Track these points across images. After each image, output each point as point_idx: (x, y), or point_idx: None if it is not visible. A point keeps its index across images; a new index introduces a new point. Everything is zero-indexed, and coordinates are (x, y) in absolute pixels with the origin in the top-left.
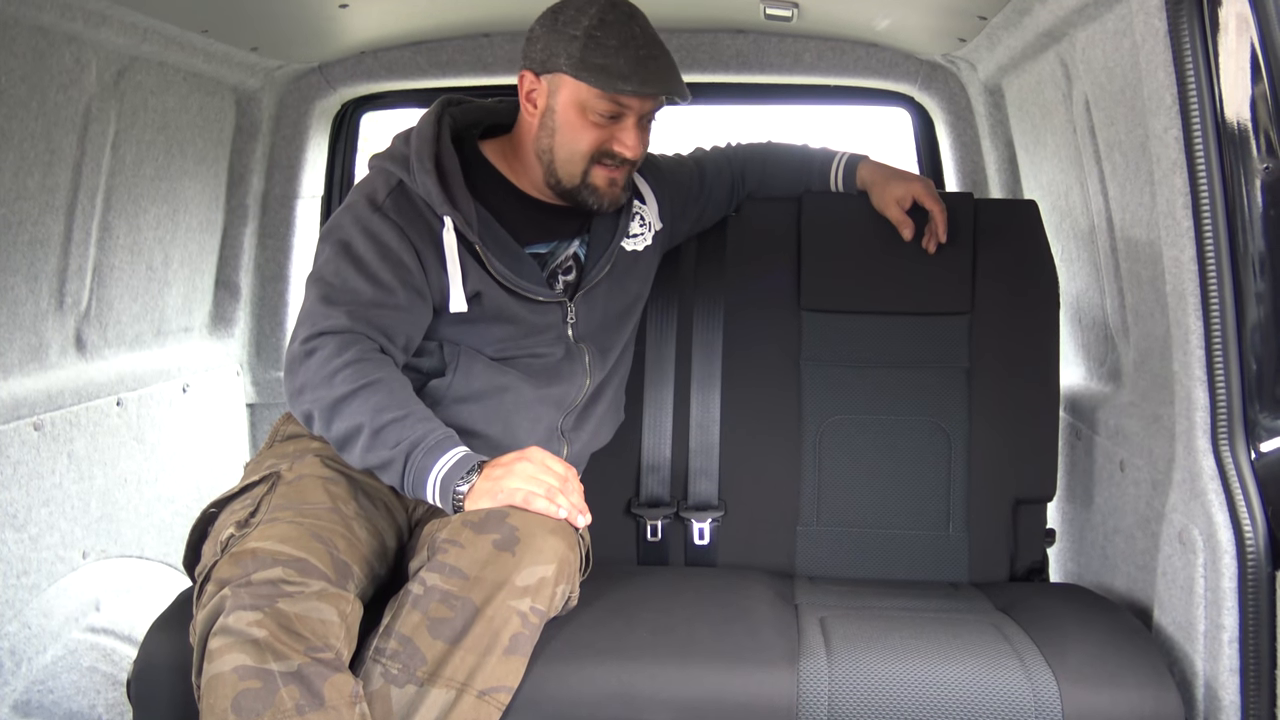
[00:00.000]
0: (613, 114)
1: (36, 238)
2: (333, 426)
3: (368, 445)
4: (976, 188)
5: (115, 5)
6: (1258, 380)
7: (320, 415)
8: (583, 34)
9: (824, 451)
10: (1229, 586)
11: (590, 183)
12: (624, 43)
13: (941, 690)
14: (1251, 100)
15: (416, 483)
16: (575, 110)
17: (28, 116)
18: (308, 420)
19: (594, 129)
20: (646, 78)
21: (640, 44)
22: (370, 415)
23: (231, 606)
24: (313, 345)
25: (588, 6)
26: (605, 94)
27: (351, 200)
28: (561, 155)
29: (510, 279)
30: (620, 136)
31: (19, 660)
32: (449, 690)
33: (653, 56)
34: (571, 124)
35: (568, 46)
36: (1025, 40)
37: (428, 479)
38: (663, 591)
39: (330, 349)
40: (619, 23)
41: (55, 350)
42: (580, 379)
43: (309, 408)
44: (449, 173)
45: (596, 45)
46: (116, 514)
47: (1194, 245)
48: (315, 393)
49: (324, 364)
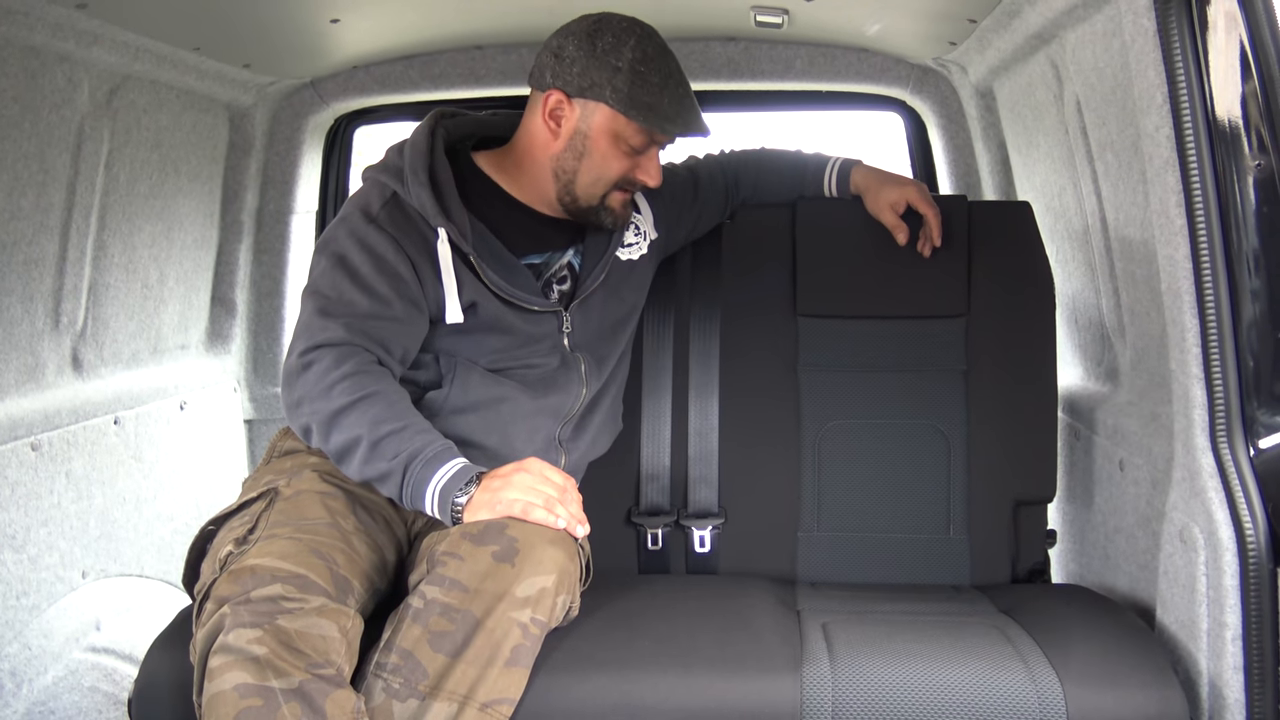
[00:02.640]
0: (642, 146)
1: (31, 258)
2: (331, 439)
3: (365, 458)
4: (970, 190)
5: (107, 24)
6: (1255, 377)
7: (318, 428)
8: (627, 68)
9: (823, 457)
10: (1231, 584)
11: (608, 205)
12: (665, 80)
13: (945, 694)
14: (1242, 98)
15: (415, 495)
16: (609, 139)
17: (21, 137)
18: (306, 433)
19: (624, 158)
20: (689, 119)
21: (678, 81)
22: (368, 428)
23: (231, 624)
24: (310, 358)
25: (626, 36)
26: (647, 130)
27: (346, 213)
28: (586, 179)
29: (505, 289)
30: (646, 166)
31: (20, 681)
32: (451, 704)
33: (687, 94)
34: (604, 152)
35: (613, 79)
36: (1015, 42)
37: (426, 491)
38: (664, 600)
39: (328, 361)
40: (659, 57)
41: (52, 370)
42: (577, 388)
43: (307, 420)
44: (443, 184)
45: (643, 82)
46: (116, 533)
47: (1188, 243)
48: (313, 405)
49: (322, 377)
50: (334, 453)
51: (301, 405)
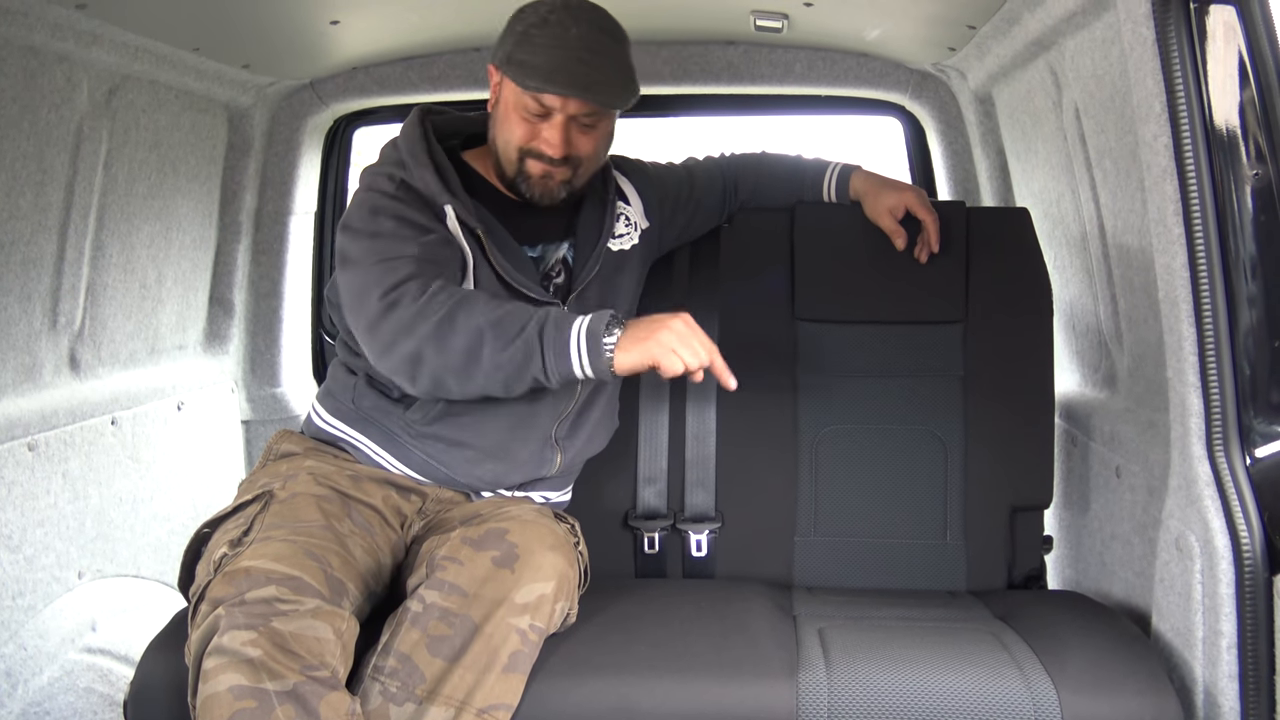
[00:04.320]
0: (538, 112)
1: (29, 257)
2: (450, 347)
3: (495, 343)
4: (968, 196)
5: (106, 24)
6: (1252, 386)
7: (431, 345)
8: (520, 32)
9: (820, 462)
10: (1226, 592)
11: (525, 171)
12: (555, 43)
13: (941, 700)
14: (1240, 106)
15: (559, 351)
16: (509, 104)
17: (19, 136)
18: (415, 361)
19: (523, 124)
20: (560, 80)
21: (575, 47)
22: (484, 316)
23: (226, 626)
24: (392, 298)
25: (540, 7)
26: (524, 90)
27: (361, 198)
28: (500, 146)
29: (511, 273)
30: (545, 134)
31: (15, 682)
32: (448, 708)
33: (583, 60)
34: (507, 117)
35: (504, 41)
36: (1015, 49)
37: (570, 341)
38: (661, 604)
39: (412, 292)
40: (559, 24)
41: (49, 370)
42: (572, 384)
43: (415, 346)
44: (443, 167)
45: (528, 43)
46: (112, 533)
47: (1185, 251)
48: (415, 330)
49: (412, 304)
50: (459, 355)
51: (398, 339)
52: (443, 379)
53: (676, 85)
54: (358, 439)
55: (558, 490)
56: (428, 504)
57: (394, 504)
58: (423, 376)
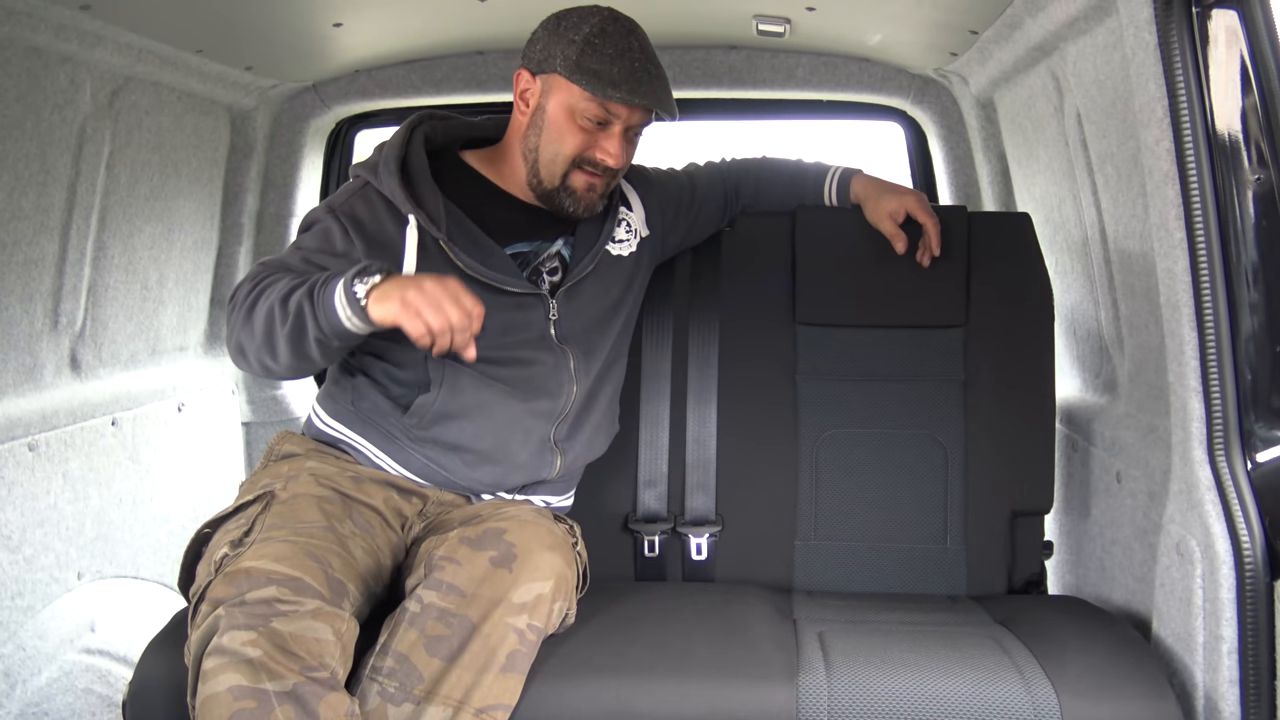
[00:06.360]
0: (600, 120)
1: (31, 258)
2: (254, 330)
3: (280, 315)
4: (970, 201)
5: (110, 26)
6: (1253, 390)
7: (245, 333)
8: (582, 40)
9: (821, 465)
10: (1227, 597)
11: (569, 185)
12: (620, 53)
13: (941, 704)
14: (1242, 112)
15: (326, 307)
16: (565, 113)
17: (22, 137)
18: (240, 353)
19: (580, 133)
20: (637, 89)
21: (636, 57)
22: (276, 295)
23: (226, 626)
24: (232, 299)
25: (590, 16)
26: (595, 99)
27: (318, 208)
28: (545, 155)
29: (480, 270)
30: (604, 144)
31: (14, 682)
32: (446, 708)
33: (646, 71)
34: (559, 126)
35: (565, 50)
36: (1016, 54)
37: (334, 297)
38: (661, 607)
39: (243, 290)
40: (618, 35)
41: (50, 370)
42: (567, 385)
43: (236, 338)
44: (415, 173)
45: (594, 51)
46: (111, 534)
47: (1187, 256)
48: (233, 323)
49: (235, 302)
50: (261, 336)
51: (230, 335)
52: (262, 360)
53: (679, 89)
54: (358, 441)
55: (559, 495)
56: (429, 506)
57: (395, 505)
58: (249, 362)
